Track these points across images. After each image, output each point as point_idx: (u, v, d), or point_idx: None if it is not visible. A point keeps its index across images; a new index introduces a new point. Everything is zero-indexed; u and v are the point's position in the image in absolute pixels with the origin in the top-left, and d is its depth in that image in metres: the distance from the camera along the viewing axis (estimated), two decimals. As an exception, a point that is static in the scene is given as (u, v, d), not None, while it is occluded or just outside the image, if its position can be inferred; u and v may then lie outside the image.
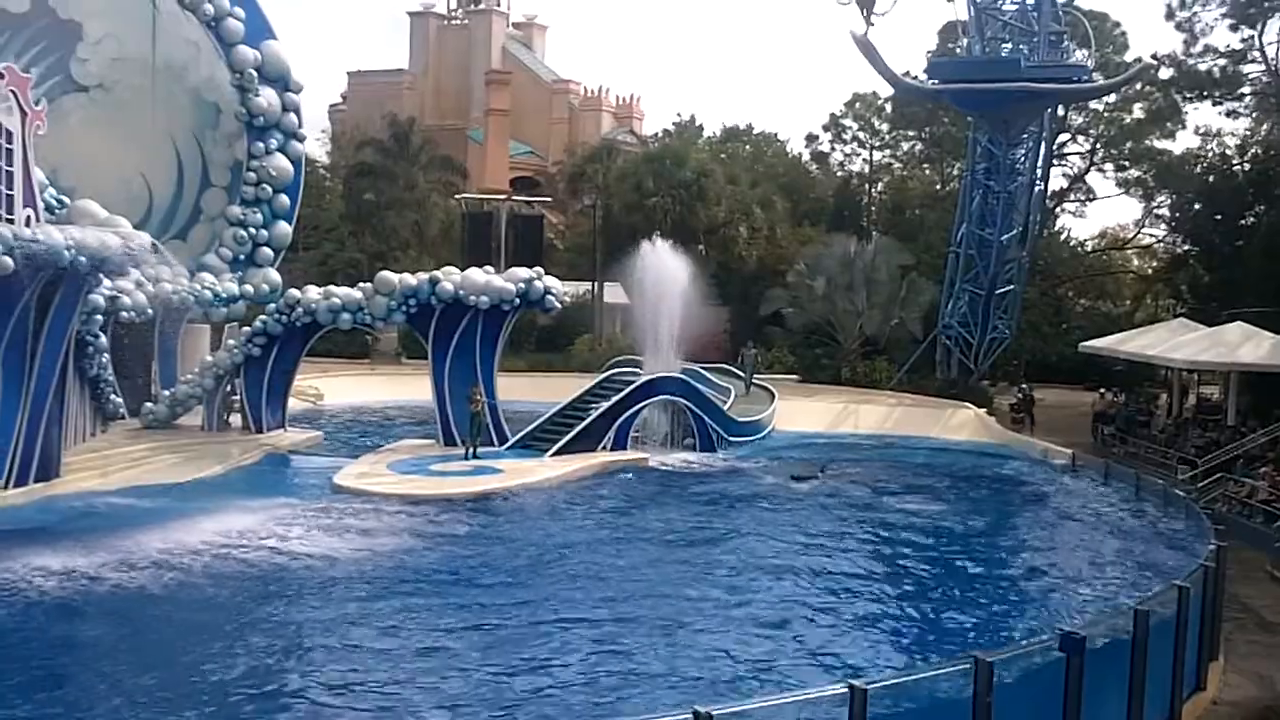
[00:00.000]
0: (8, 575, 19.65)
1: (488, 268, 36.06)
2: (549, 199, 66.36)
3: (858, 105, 73.59)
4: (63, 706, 14.43)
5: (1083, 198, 70.38)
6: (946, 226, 55.02)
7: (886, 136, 73.76)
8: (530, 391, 40.72)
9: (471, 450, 32.23)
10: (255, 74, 36.83)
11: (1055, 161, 61.27)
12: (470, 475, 30.24)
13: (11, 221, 23.86)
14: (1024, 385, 49.90)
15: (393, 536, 23.81)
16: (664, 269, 37.70)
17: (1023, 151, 49.14)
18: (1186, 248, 62.72)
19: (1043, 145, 50.51)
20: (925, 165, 74.03)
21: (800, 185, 72.96)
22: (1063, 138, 64.02)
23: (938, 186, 71.39)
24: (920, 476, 34.31)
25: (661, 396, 35.77)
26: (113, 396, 33.45)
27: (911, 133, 71.66)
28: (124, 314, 32.70)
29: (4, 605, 18.31)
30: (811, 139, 76.91)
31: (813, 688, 13.99)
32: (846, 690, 9.92)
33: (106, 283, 29.68)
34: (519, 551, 23.23)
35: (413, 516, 25.78)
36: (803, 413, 43.50)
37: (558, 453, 32.99)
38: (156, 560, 21.11)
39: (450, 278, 33.78)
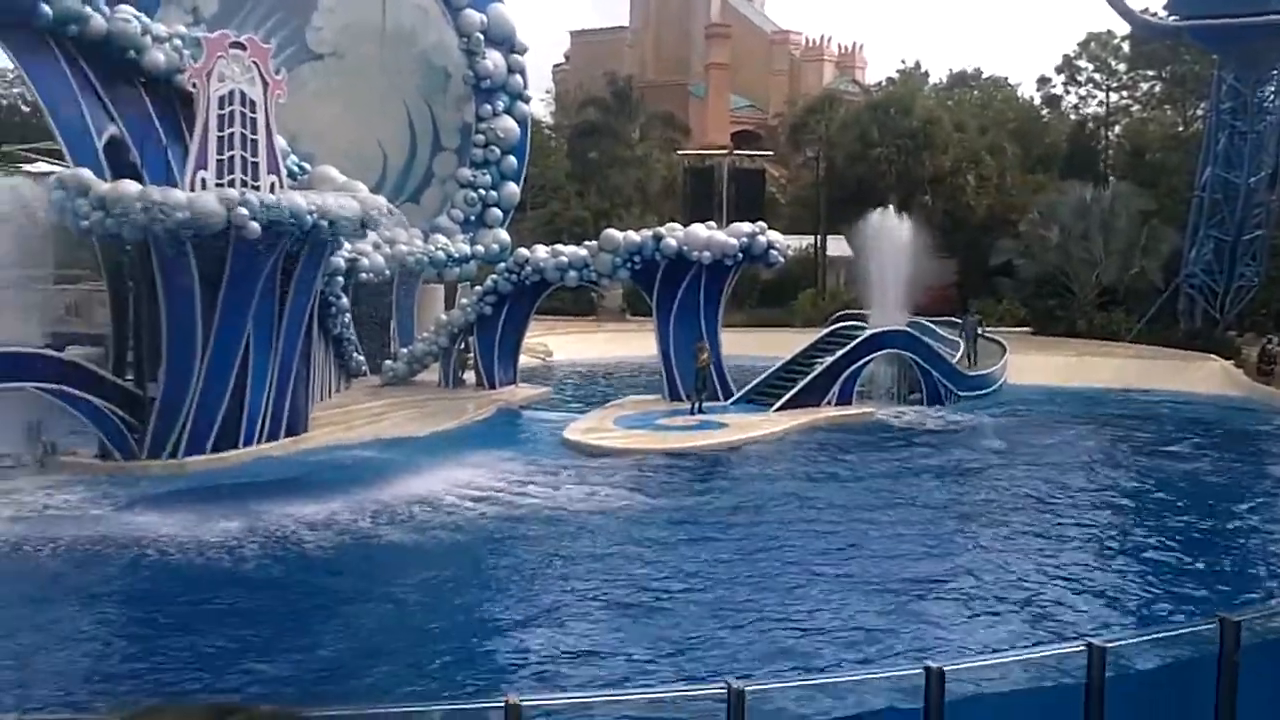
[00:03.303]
0: (267, 523, 20.76)
1: (710, 223, 36.13)
2: (770, 153, 66.09)
3: (1093, 45, 70.86)
4: (336, 646, 15.21)
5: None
6: (1189, 170, 52.70)
7: (1124, 77, 70.89)
8: (754, 346, 40.74)
9: (697, 405, 32.45)
10: (481, 37, 37.59)
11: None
12: (695, 430, 30.49)
13: (257, 188, 24.95)
14: (1272, 336, 47.63)
15: (620, 489, 24.22)
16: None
17: (1272, 89, 46.72)
18: None
19: (1293, 82, 47.94)
20: (1166, 106, 70.88)
21: (1032, 131, 70.78)
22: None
23: (1180, 128, 68.30)
24: (1161, 431, 33.13)
25: (888, 350, 35.34)
26: (355, 355, 34.79)
27: (1151, 72, 68.74)
28: (363, 275, 33.92)
29: (266, 552, 19.36)
30: (1043, 82, 74.43)
31: (1048, 646, 13.81)
32: (1085, 648, 9.71)
33: (346, 245, 30.84)
34: (744, 505, 23.34)
35: (640, 470, 26.18)
36: (1035, 366, 42.28)
37: (782, 407, 32.94)
38: (402, 509, 22.03)
39: (673, 234, 33.96)
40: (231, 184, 24.62)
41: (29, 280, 26.64)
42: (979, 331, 43.07)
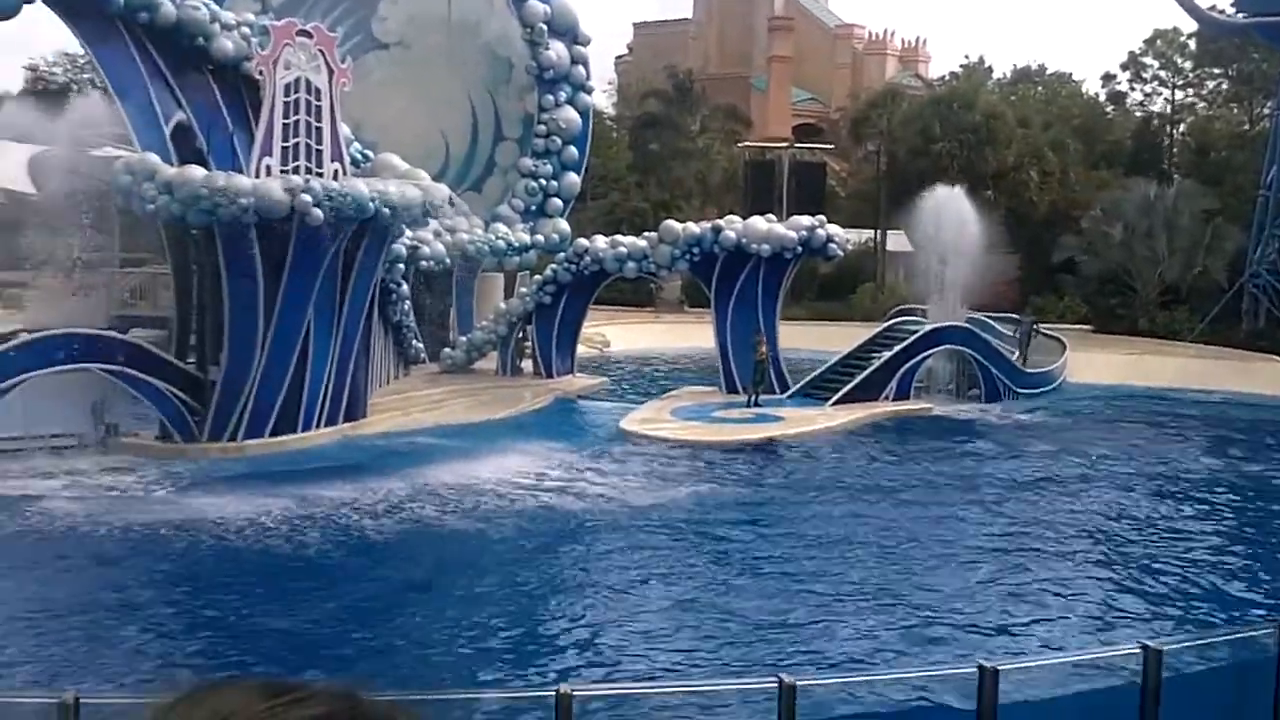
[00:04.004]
0: (323, 507, 21.00)
1: (770, 216, 36.07)
2: (831, 146, 65.75)
3: (1158, 42, 69.98)
4: (389, 628, 15.38)
5: None
6: (1255, 169, 51.97)
7: (1190, 75, 69.92)
8: (812, 340, 40.62)
9: (753, 398, 32.43)
10: (545, 28, 37.65)
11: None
12: (752, 423, 30.48)
13: (321, 175, 25.18)
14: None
15: (675, 481, 24.27)
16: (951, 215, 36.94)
17: (1341, 88, 46.05)
18: None
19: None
20: (1232, 104, 69.86)
21: (1096, 127, 70.00)
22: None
23: (1246, 127, 67.28)
24: (1220, 432, 32.70)
25: (946, 346, 35.13)
26: (414, 342, 35.02)
27: (1217, 70, 67.76)
28: (424, 263, 34.10)
29: (324, 536, 19.57)
30: (1108, 79, 73.58)
31: (1103, 648, 13.72)
32: (1140, 650, 9.65)
33: (407, 233, 31.04)
34: (797, 499, 23.34)
35: (694, 461, 26.21)
36: (1096, 364, 41.89)
37: (839, 402, 32.82)
38: (458, 496, 22.20)
39: (733, 226, 33.96)
40: (296, 171, 24.86)
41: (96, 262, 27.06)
42: (1033, 334, 42.44)
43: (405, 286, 33.37)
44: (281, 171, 24.74)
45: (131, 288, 34.68)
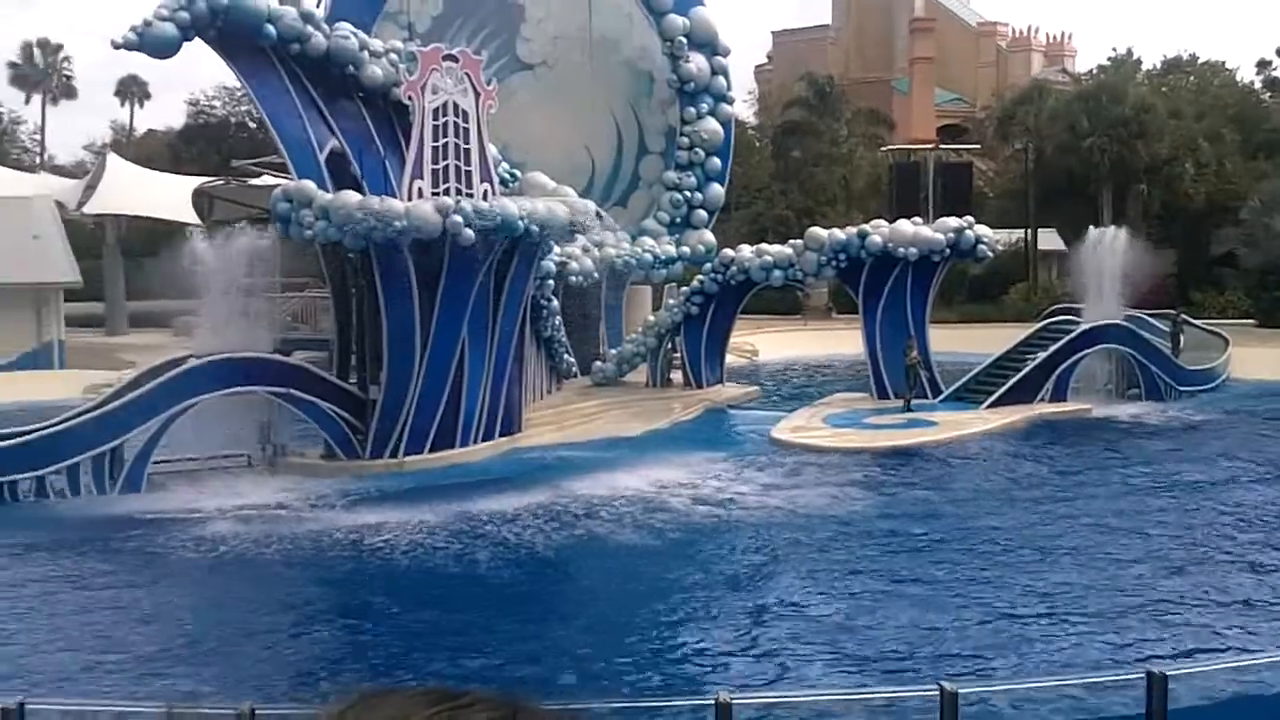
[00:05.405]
0: (482, 520, 21.36)
1: (916, 219, 35.72)
2: (977, 145, 64.84)
3: (1317, 25, 67.68)
4: (547, 639, 15.63)
5: None
6: None
7: (1352, 57, 67.54)
8: (963, 343, 40.02)
9: (906, 403, 32.13)
10: (685, 41, 37.90)
11: None
12: (905, 428, 30.18)
13: (471, 196, 25.68)
14: None
15: (830, 487, 24.11)
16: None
17: None
18: None
19: None
20: (1400, 86, 67.29)
21: (1252, 116, 67.88)
22: None
23: None
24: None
25: (1104, 345, 34.34)
26: (565, 356, 35.44)
27: (1383, 51, 65.34)
28: (573, 278, 34.52)
29: (490, 551, 19.87)
30: (1264, 65, 71.39)
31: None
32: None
33: (556, 249, 31.46)
34: (956, 505, 23.00)
35: (849, 469, 26.04)
36: (1261, 360, 40.45)
37: (993, 404, 32.36)
38: (615, 508, 22.32)
39: (879, 230, 33.70)
40: (446, 192, 25.38)
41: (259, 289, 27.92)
42: (1181, 330, 40.66)
43: (555, 302, 33.78)
44: (433, 193, 25.28)
45: (293, 312, 35.80)
